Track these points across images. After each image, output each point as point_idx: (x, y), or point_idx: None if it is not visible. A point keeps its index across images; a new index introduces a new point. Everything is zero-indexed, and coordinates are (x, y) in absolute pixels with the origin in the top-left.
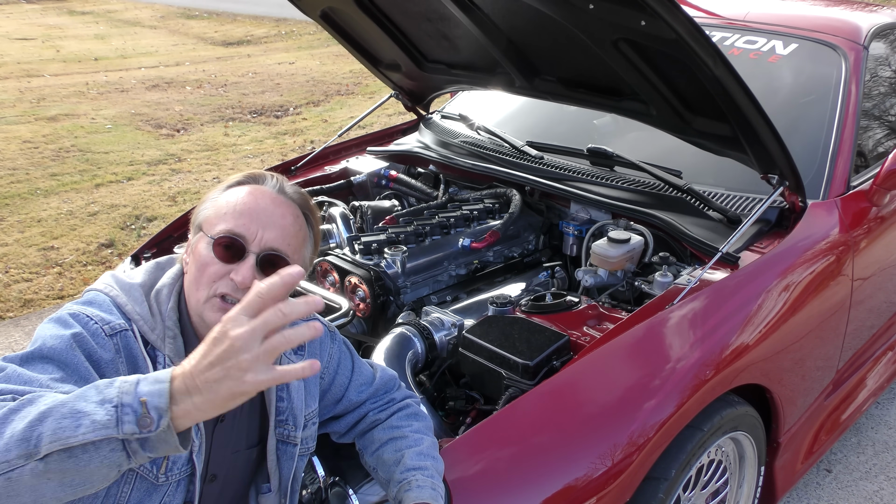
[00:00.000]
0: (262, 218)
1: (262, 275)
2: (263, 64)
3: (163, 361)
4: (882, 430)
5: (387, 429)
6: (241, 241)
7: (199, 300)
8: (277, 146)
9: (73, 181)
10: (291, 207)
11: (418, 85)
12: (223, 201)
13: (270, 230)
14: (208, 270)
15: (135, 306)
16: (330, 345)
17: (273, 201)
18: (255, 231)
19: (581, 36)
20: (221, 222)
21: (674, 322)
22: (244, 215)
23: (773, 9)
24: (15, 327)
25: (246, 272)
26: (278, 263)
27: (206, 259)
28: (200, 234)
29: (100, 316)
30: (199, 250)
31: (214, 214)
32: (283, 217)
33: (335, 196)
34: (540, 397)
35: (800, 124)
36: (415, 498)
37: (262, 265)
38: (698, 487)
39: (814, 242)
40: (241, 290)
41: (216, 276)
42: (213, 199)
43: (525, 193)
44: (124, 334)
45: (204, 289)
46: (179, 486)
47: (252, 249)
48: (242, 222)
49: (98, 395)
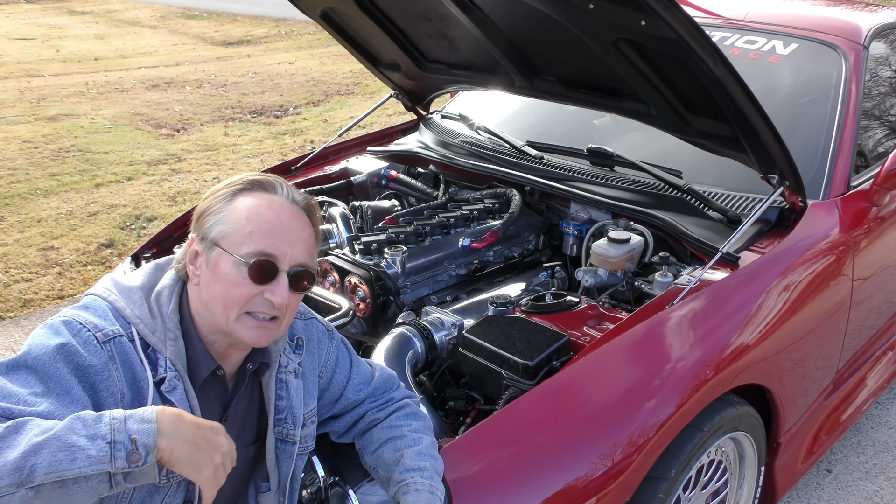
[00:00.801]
0: (288, 235)
1: (291, 290)
2: (263, 64)
3: (164, 364)
4: (882, 430)
5: (386, 428)
6: (273, 263)
7: (227, 319)
8: (277, 146)
9: (73, 181)
10: (305, 218)
11: (418, 85)
12: (242, 216)
13: (296, 247)
14: (239, 291)
15: (134, 309)
16: (328, 343)
17: (291, 214)
18: (284, 250)
19: (581, 36)
20: (248, 242)
21: (674, 322)
22: (271, 234)
23: (773, 9)
24: (15, 327)
25: (283, 293)
26: (305, 277)
27: (236, 280)
28: (220, 252)
29: (93, 322)
30: (223, 269)
31: (235, 231)
32: (304, 230)
33: (335, 196)
34: (540, 397)
35: (800, 124)
36: (413, 502)
37: (291, 282)
38: (698, 487)
39: (814, 242)
40: (274, 308)
41: (249, 296)
42: (222, 212)
43: (525, 193)
44: (118, 340)
45: (234, 308)
46: (180, 487)
47: (283, 268)
48: (271, 242)
49: (87, 429)
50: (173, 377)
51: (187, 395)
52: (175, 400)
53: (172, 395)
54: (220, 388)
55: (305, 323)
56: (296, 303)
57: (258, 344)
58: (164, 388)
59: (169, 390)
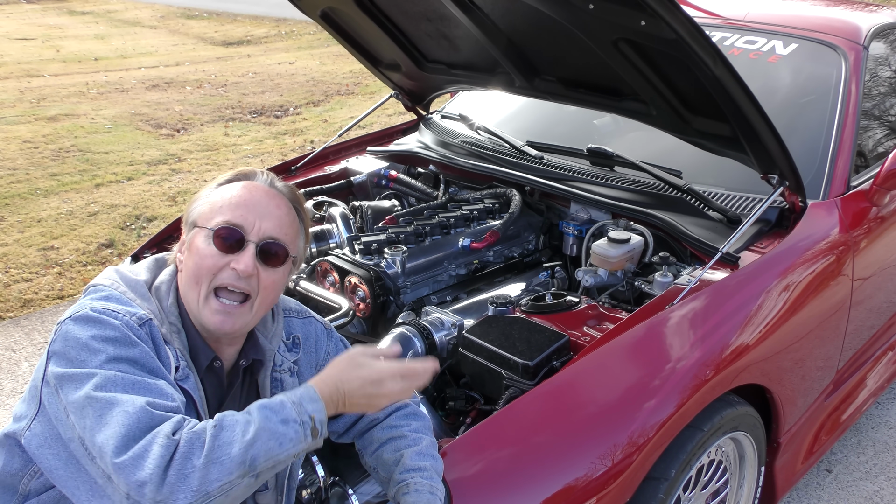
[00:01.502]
0: (259, 209)
1: (262, 264)
2: (263, 64)
3: (175, 354)
4: (882, 430)
5: (385, 428)
6: (240, 231)
7: (197, 298)
8: (277, 146)
9: (73, 181)
10: (284, 199)
11: (418, 85)
12: (217, 197)
13: (267, 220)
14: (207, 263)
15: (143, 302)
16: (326, 342)
17: (266, 194)
18: (252, 221)
19: (581, 36)
20: (218, 215)
21: (674, 322)
22: (240, 207)
23: (773, 9)
24: (15, 327)
25: (248, 260)
26: (278, 252)
27: (204, 251)
28: (196, 230)
29: (125, 310)
30: (196, 244)
31: (210, 209)
32: (279, 207)
33: (335, 196)
34: (540, 397)
35: (800, 124)
36: (413, 503)
37: (261, 254)
38: (698, 487)
39: (814, 242)
40: (242, 279)
41: (216, 267)
42: (205, 197)
43: (525, 193)
44: (150, 323)
45: (204, 282)
46: None
47: (251, 239)
48: (240, 213)
49: (277, 415)
50: (185, 366)
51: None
52: (189, 388)
53: (186, 384)
54: (216, 381)
55: (303, 321)
56: (271, 283)
57: (222, 330)
58: (177, 376)
59: (182, 378)
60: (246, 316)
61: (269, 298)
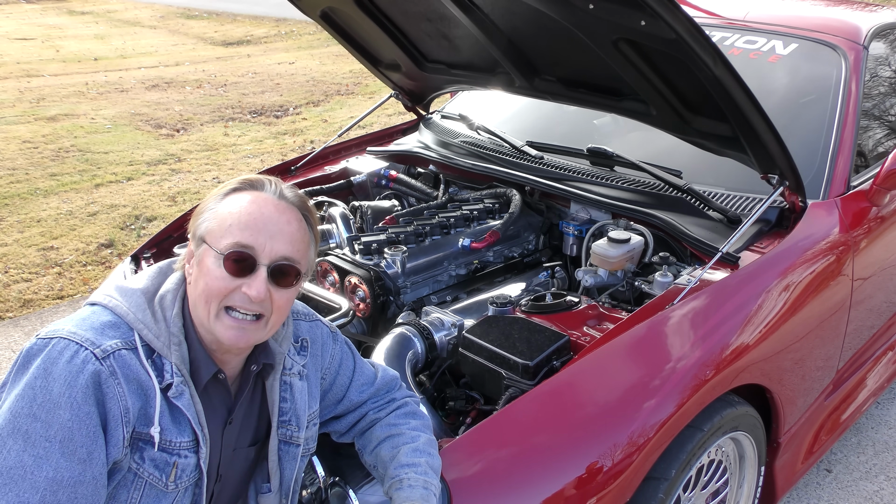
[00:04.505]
0: (269, 228)
1: (274, 285)
2: (263, 64)
3: (170, 370)
4: (882, 430)
5: (385, 426)
6: (250, 255)
7: (208, 315)
8: (277, 146)
9: (73, 181)
10: (294, 212)
11: (418, 85)
12: (225, 211)
13: (278, 240)
14: (218, 285)
15: (137, 313)
16: (332, 345)
17: (276, 208)
18: (263, 242)
19: (581, 36)
20: (227, 235)
21: (674, 322)
22: (250, 227)
23: (772, 9)
24: (14, 327)
25: (260, 286)
26: (290, 272)
27: (215, 274)
28: (205, 248)
29: (89, 339)
30: (206, 265)
31: (218, 227)
32: (289, 223)
33: (335, 196)
34: (540, 397)
35: (800, 124)
36: (405, 498)
37: (273, 275)
38: (698, 487)
39: (814, 242)
40: (253, 303)
41: (227, 290)
42: (212, 210)
43: (525, 193)
44: (117, 354)
45: (214, 303)
46: (187, 492)
47: (262, 262)
48: (249, 234)
49: None
50: (180, 382)
51: (192, 399)
52: (182, 406)
53: (179, 401)
54: (223, 391)
55: (310, 325)
56: (284, 301)
57: (236, 345)
58: (171, 393)
59: (176, 396)
60: (260, 332)
61: (283, 314)
